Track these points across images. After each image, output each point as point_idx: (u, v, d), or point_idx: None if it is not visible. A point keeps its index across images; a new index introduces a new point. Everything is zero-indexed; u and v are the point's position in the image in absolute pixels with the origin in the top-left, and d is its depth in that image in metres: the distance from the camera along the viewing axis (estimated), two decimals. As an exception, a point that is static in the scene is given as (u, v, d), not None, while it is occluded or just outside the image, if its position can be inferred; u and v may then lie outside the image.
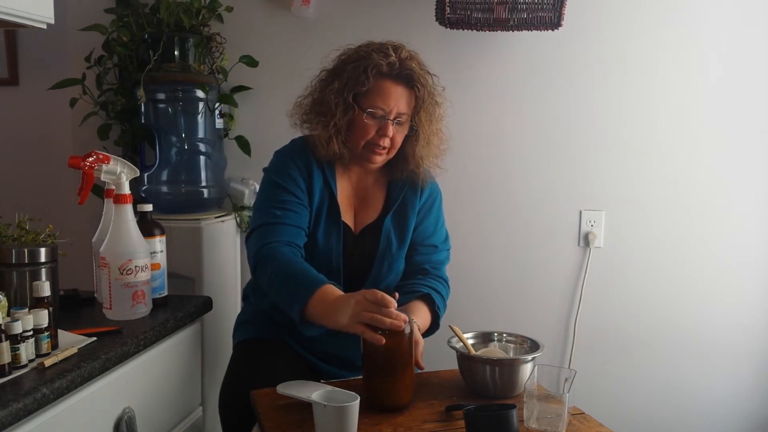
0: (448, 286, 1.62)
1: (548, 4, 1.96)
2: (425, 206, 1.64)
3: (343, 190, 1.61)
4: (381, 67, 1.47)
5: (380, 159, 1.55)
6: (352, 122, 1.51)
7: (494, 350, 1.40)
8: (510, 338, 1.45)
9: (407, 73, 1.50)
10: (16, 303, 1.28)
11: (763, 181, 2.19)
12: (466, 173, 2.22)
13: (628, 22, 2.16)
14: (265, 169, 1.62)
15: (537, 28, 2.01)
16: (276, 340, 1.60)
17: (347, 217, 1.60)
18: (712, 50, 2.16)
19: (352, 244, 1.58)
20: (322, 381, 1.43)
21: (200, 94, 2.08)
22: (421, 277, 1.58)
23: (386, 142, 1.51)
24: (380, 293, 1.24)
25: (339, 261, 1.55)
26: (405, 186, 1.62)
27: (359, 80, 1.48)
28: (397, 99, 1.49)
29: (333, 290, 1.36)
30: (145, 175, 2.08)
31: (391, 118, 1.49)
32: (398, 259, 1.60)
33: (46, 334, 1.16)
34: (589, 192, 2.23)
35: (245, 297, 1.74)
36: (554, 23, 1.98)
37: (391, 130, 1.49)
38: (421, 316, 1.47)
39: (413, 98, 1.52)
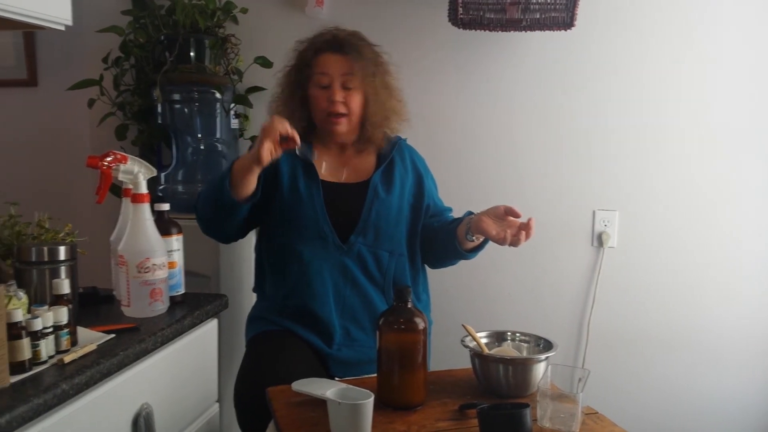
0: None
1: (561, 4, 1.96)
2: (416, 168, 1.76)
3: (328, 163, 1.72)
4: (318, 44, 1.68)
5: (342, 128, 1.67)
6: (309, 99, 1.68)
7: (508, 349, 1.41)
8: (523, 338, 1.45)
9: (340, 43, 1.67)
10: (36, 300, 1.29)
11: (779, 181, 2.18)
12: (479, 173, 2.23)
13: (641, 21, 2.15)
14: None
15: (550, 28, 2.01)
16: (284, 331, 1.65)
17: (331, 178, 1.70)
18: (729, 49, 2.14)
19: (339, 195, 1.68)
20: (336, 378, 1.44)
21: (216, 94, 2.10)
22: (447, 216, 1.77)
23: (339, 108, 1.64)
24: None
25: (323, 210, 1.64)
26: (393, 154, 1.74)
27: (305, 61, 1.68)
28: (336, 64, 1.65)
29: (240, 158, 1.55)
30: (162, 174, 2.11)
31: (337, 82, 1.63)
32: (387, 207, 1.67)
33: (66, 330, 1.17)
34: (602, 192, 2.22)
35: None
36: (567, 23, 1.98)
37: (338, 93, 1.63)
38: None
39: (352, 63, 1.64)
